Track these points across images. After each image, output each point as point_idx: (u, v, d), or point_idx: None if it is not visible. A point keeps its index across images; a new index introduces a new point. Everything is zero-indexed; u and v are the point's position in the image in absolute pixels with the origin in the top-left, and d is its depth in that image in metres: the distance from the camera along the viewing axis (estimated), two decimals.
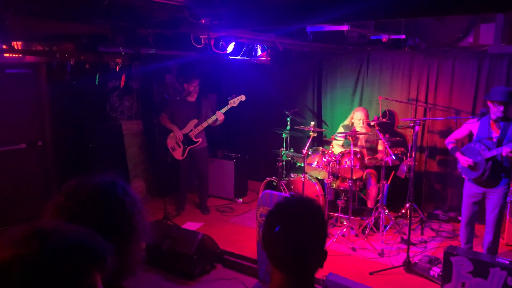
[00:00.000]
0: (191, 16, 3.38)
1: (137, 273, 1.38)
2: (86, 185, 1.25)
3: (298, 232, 1.35)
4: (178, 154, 5.86)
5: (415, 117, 5.81)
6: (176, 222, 5.69)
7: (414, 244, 5.01)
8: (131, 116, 6.59)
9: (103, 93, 6.13)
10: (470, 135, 4.39)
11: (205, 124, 5.75)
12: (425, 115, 5.76)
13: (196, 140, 5.82)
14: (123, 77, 5.40)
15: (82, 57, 4.22)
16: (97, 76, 5.14)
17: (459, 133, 4.46)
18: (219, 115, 5.70)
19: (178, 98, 5.79)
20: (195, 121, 5.80)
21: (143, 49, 4.83)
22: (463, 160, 4.25)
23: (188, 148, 5.82)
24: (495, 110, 4.07)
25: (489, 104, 4.13)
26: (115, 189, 1.30)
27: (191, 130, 5.78)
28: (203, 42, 3.85)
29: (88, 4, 3.39)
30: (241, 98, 5.76)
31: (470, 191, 4.35)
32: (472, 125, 4.33)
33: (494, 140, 4.12)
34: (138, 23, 3.71)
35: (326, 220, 1.47)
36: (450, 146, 4.47)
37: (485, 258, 3.74)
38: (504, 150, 3.90)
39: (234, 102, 5.73)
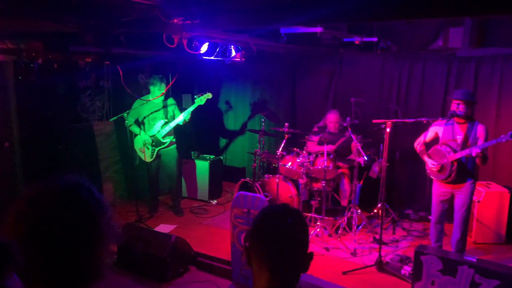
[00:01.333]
0: (163, 15, 3.34)
1: (106, 277, 1.34)
2: (49, 188, 1.19)
3: (287, 237, 1.40)
4: (146, 156, 5.77)
5: (386, 119, 5.90)
6: (149, 224, 5.61)
7: (386, 244, 5.10)
8: (103, 117, 6.46)
9: (74, 93, 5.98)
10: (436, 137, 4.50)
11: (172, 124, 5.69)
12: (396, 117, 5.88)
13: (165, 141, 5.75)
14: (93, 77, 5.27)
15: (50, 56, 4.10)
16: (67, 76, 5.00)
17: (426, 136, 4.56)
18: (186, 115, 5.65)
19: (147, 99, 5.70)
20: (162, 122, 5.73)
21: (115, 48, 4.74)
22: (431, 164, 4.36)
23: (157, 149, 5.75)
24: (456, 109, 4.19)
25: (452, 103, 4.26)
26: (80, 192, 1.25)
27: (159, 131, 5.71)
28: (175, 42, 3.81)
29: (57, 1, 3.30)
30: (208, 96, 5.72)
31: (438, 190, 4.46)
32: (438, 128, 4.44)
33: (459, 142, 4.23)
34: (108, 22, 3.63)
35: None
36: (418, 149, 4.57)
37: (453, 257, 3.83)
38: (474, 151, 4.00)
39: (201, 100, 5.69)
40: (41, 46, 4.48)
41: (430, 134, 4.55)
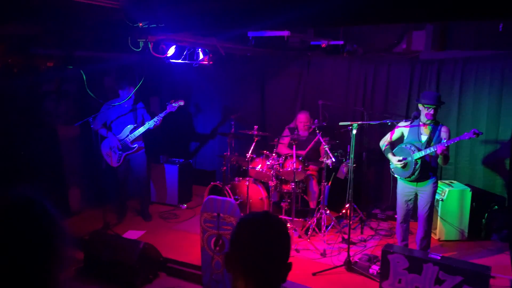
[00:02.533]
0: (128, 19, 3.28)
1: (73, 287, 1.31)
2: None
3: (266, 246, 1.39)
4: (114, 161, 5.66)
5: (353, 121, 6.02)
6: (117, 231, 5.49)
7: (354, 243, 5.19)
8: (68, 121, 6.27)
9: (36, 97, 5.78)
10: (402, 137, 4.62)
11: (142, 130, 5.60)
12: (362, 119, 5.99)
13: (133, 146, 5.66)
14: (57, 80, 5.11)
15: (10, 60, 3.95)
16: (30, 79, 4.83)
17: (392, 135, 4.68)
18: (157, 121, 5.57)
19: (115, 103, 5.58)
20: (132, 126, 5.63)
21: (79, 51, 4.62)
22: (396, 161, 4.46)
23: (125, 154, 5.64)
24: (426, 114, 4.31)
25: (421, 107, 4.37)
26: (32, 208, 1.20)
27: (128, 136, 5.61)
28: (141, 45, 3.75)
29: (17, 3, 3.18)
30: (180, 103, 5.68)
31: (403, 190, 4.58)
32: (404, 128, 4.56)
33: (423, 142, 4.36)
34: (71, 25, 3.54)
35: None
36: (383, 148, 4.68)
37: (418, 255, 3.94)
38: (439, 148, 4.12)
39: (173, 107, 5.63)
40: (1, 49, 4.31)
41: (396, 133, 4.66)
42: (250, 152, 5.46)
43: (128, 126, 5.63)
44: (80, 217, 6.05)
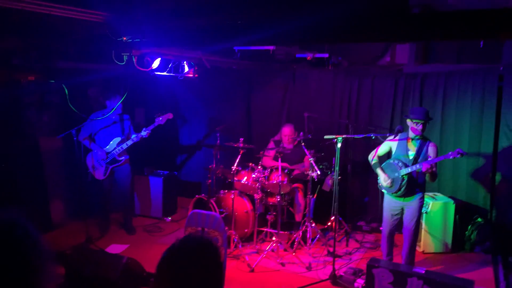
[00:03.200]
0: (112, 32, 3.25)
1: None
2: None
3: (192, 275, 1.39)
4: (99, 174, 5.57)
5: (338, 133, 6.05)
6: (100, 244, 5.40)
7: (339, 256, 5.19)
8: (51, 132, 6.17)
9: (18, 108, 5.67)
10: (390, 151, 4.65)
11: (130, 142, 5.53)
12: (347, 131, 6.02)
13: (120, 159, 5.59)
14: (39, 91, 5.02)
15: None
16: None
17: (380, 149, 4.70)
18: (145, 134, 5.53)
19: (100, 115, 5.52)
20: (119, 139, 5.57)
21: (63, 62, 4.56)
22: (383, 178, 4.50)
23: (111, 167, 5.57)
24: (414, 129, 4.34)
25: (409, 122, 4.40)
26: (13, 232, 1.18)
27: (115, 149, 5.54)
28: (125, 59, 3.72)
29: None
30: (169, 116, 5.66)
31: (389, 204, 4.60)
32: (392, 142, 4.59)
33: (410, 157, 4.40)
34: (54, 39, 3.49)
35: (222, 263, 1.51)
36: (372, 162, 4.70)
37: (403, 269, 3.96)
38: (424, 166, 4.16)
39: (161, 120, 5.60)
40: None
41: (384, 148, 4.69)
42: (235, 164, 5.44)
43: (116, 138, 5.56)
44: (63, 230, 5.93)
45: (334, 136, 4.60)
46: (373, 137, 4.64)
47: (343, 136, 4.61)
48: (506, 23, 2.15)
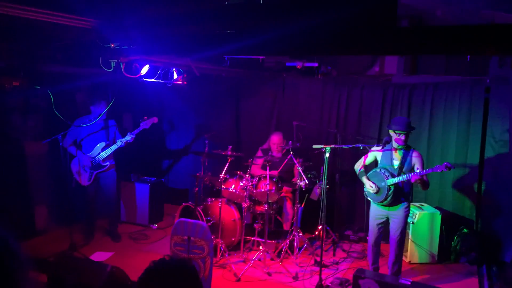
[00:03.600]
0: (100, 39, 3.22)
1: None
2: None
3: None
4: (84, 180, 5.50)
5: (327, 142, 6.08)
6: (84, 252, 5.32)
7: (326, 266, 5.17)
8: (36, 137, 6.08)
9: (2, 113, 5.58)
10: (375, 161, 4.67)
11: (114, 147, 5.48)
12: (336, 140, 6.04)
13: (105, 164, 5.52)
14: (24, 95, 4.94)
15: None
16: None
17: (366, 159, 4.73)
18: (130, 138, 5.48)
19: (86, 120, 5.46)
20: (103, 144, 5.51)
21: (50, 66, 4.50)
22: (368, 186, 4.51)
23: (96, 172, 5.50)
24: (397, 139, 4.37)
25: (392, 133, 4.43)
26: None
27: (99, 154, 5.48)
28: (112, 65, 3.68)
29: None
30: (153, 120, 5.63)
31: (375, 213, 4.62)
32: (377, 153, 4.62)
33: (396, 167, 4.43)
34: (40, 44, 3.44)
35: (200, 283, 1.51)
36: (358, 171, 4.72)
37: (389, 280, 3.96)
38: (413, 178, 4.19)
39: (146, 124, 5.57)
40: None
41: (369, 158, 4.71)
42: (223, 172, 5.40)
43: (100, 144, 5.50)
44: (46, 236, 5.83)
45: (322, 146, 4.60)
46: (361, 147, 4.66)
47: (332, 146, 4.61)
48: (492, 40, 2.17)
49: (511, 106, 5.16)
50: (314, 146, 4.78)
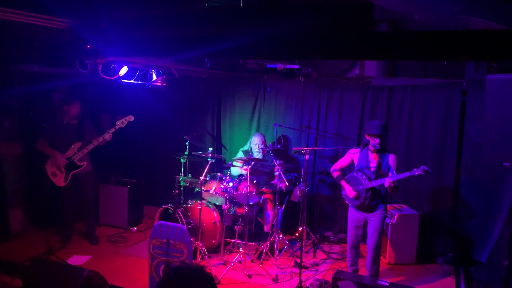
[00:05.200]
0: (76, 40, 3.15)
1: None
2: None
3: None
4: (59, 181, 5.40)
5: (307, 144, 6.10)
6: (61, 255, 5.22)
7: (306, 268, 5.19)
8: (12, 138, 5.94)
9: None
10: (352, 164, 4.71)
11: (90, 147, 5.41)
12: (316, 142, 6.06)
13: (81, 164, 5.43)
14: None
15: None
16: None
17: (343, 162, 4.77)
18: (107, 137, 5.42)
19: (61, 121, 5.37)
20: (79, 144, 5.43)
21: (26, 66, 4.40)
22: (348, 191, 4.54)
23: (71, 173, 5.41)
24: (373, 142, 4.42)
25: (367, 137, 4.48)
26: None
27: (75, 154, 5.39)
28: (89, 67, 3.62)
29: None
30: (129, 118, 5.56)
31: (353, 216, 4.66)
32: (354, 155, 4.66)
33: (372, 169, 4.47)
34: (13, 44, 3.36)
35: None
36: (335, 174, 4.75)
37: (367, 281, 3.98)
38: (387, 181, 4.24)
39: (122, 122, 5.51)
40: None
41: (346, 160, 4.75)
42: (204, 174, 5.37)
43: (75, 144, 5.42)
44: (22, 240, 5.71)
45: (303, 148, 4.61)
46: (341, 150, 4.69)
47: (312, 148, 4.63)
48: (465, 46, 2.21)
49: (486, 109, 5.25)
50: (294, 148, 4.79)
